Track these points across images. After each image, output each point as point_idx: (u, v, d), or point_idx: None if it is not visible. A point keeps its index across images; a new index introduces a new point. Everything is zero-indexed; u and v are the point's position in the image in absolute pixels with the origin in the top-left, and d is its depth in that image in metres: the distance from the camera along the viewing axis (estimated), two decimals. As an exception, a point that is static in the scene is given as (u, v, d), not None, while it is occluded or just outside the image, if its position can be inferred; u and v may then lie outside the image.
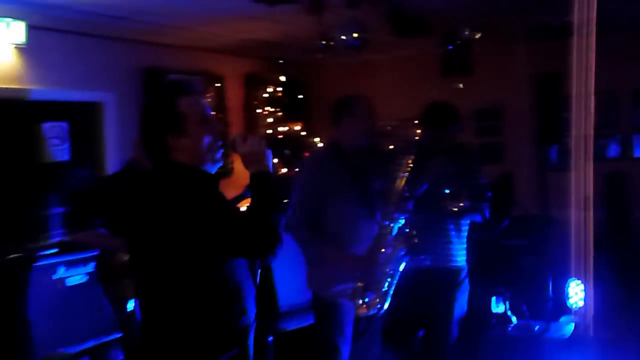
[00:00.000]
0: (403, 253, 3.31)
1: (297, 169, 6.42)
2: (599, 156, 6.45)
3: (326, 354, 3.50)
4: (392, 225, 3.35)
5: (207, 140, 2.29)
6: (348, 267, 3.35)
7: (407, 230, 3.34)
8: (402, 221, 3.36)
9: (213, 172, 2.37)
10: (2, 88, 5.05)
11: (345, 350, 3.49)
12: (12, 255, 4.39)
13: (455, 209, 3.65)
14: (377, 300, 3.32)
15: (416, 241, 3.32)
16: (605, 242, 6.28)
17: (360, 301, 3.31)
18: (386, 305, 3.37)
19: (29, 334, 4.15)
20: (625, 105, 6.59)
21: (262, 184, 2.26)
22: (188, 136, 2.26)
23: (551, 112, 5.91)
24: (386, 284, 3.33)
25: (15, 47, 5.06)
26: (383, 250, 3.34)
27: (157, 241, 2.24)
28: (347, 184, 3.47)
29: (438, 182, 3.59)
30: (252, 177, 2.28)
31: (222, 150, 2.36)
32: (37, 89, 5.30)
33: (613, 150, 6.73)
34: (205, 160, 2.32)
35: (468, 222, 3.88)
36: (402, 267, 3.34)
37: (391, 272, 3.34)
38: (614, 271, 5.87)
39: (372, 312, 3.36)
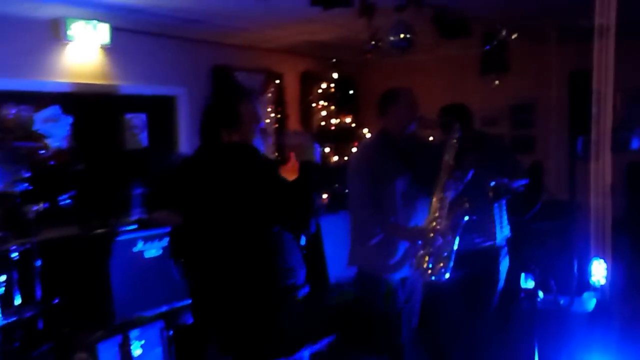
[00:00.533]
0: (459, 214, 3.35)
1: (346, 157, 6.43)
2: (623, 148, 6.29)
3: (374, 324, 3.52)
4: (444, 196, 3.36)
5: (255, 140, 2.52)
6: (411, 238, 3.37)
7: (459, 199, 3.39)
8: (453, 193, 3.39)
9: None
10: (92, 84, 5.17)
11: (390, 314, 3.49)
12: (98, 230, 4.56)
13: (492, 193, 3.64)
14: (441, 265, 3.33)
15: (467, 204, 3.36)
16: (626, 226, 6.17)
17: (425, 267, 3.32)
18: (448, 272, 3.36)
19: (110, 299, 4.23)
20: None
21: (306, 171, 2.43)
22: (241, 133, 2.46)
23: (582, 107, 5.81)
24: (446, 251, 3.34)
25: (101, 47, 5.16)
26: (440, 220, 3.36)
27: (218, 210, 2.38)
28: (398, 167, 3.47)
29: (475, 176, 3.55)
30: (300, 165, 2.46)
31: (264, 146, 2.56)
32: (120, 84, 5.39)
33: (635, 143, 6.53)
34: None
35: (504, 203, 3.90)
36: (461, 227, 3.36)
37: (450, 239, 3.36)
38: (634, 252, 5.79)
39: (437, 277, 3.35)
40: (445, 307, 3.98)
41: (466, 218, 3.38)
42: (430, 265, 3.32)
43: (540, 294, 4.81)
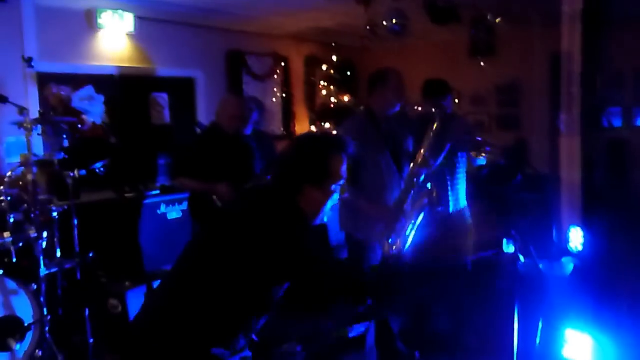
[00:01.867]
0: (425, 203, 3.30)
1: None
2: (604, 125, 6.37)
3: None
4: (415, 181, 3.33)
5: (332, 201, 2.02)
6: (378, 214, 3.35)
7: (428, 186, 3.33)
8: (423, 177, 3.34)
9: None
10: (120, 67, 5.35)
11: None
12: (128, 195, 4.77)
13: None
14: (400, 242, 3.33)
15: (435, 195, 3.30)
16: (606, 198, 6.27)
17: (387, 242, 3.33)
18: (407, 247, 3.34)
19: (140, 254, 4.46)
20: (628, 81, 6.46)
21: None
22: (323, 192, 1.98)
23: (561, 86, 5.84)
24: (408, 230, 3.32)
25: (127, 35, 5.32)
26: (407, 202, 3.33)
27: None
28: (379, 145, 3.41)
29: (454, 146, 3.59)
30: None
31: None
32: (145, 68, 5.53)
33: (616, 121, 6.57)
34: (320, 217, 2.04)
35: (462, 170, 3.88)
36: (421, 217, 3.31)
37: (413, 220, 3.32)
38: (612, 221, 5.95)
39: (395, 252, 3.35)
40: (426, 271, 3.91)
41: (429, 205, 3.30)
42: (391, 241, 3.32)
43: (521, 258, 4.88)
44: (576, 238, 4.58)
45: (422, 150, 3.33)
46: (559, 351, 3.65)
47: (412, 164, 3.35)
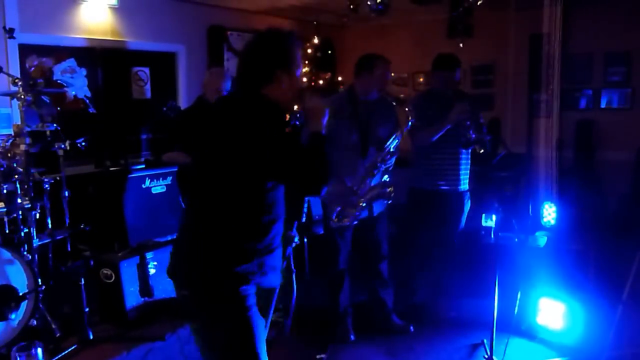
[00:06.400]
0: (377, 195, 3.49)
1: None
2: (573, 106, 6.54)
3: (332, 248, 3.73)
4: (375, 172, 3.49)
5: (298, 87, 2.19)
6: (338, 191, 3.48)
7: (388, 181, 3.50)
8: (383, 168, 3.52)
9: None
10: (102, 40, 5.30)
11: (343, 245, 3.69)
12: (113, 168, 4.81)
13: (464, 140, 3.77)
14: (346, 220, 3.53)
15: (391, 193, 3.49)
16: (575, 175, 6.53)
17: (337, 215, 3.54)
18: (354, 223, 3.57)
19: (124, 227, 4.35)
20: (597, 64, 6.64)
21: (317, 142, 2.13)
22: (290, 77, 2.12)
23: (539, 68, 6.00)
24: (357, 210, 3.52)
25: (109, 7, 5.29)
26: (363, 186, 3.49)
27: (223, 159, 2.07)
28: (350, 126, 3.52)
29: (459, 123, 3.71)
30: (310, 135, 2.15)
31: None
32: (127, 41, 5.50)
33: (585, 102, 6.69)
34: (291, 105, 2.20)
35: (469, 154, 4.02)
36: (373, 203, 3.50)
37: (363, 204, 3.52)
38: (580, 197, 6.10)
39: (335, 225, 3.58)
40: (412, 241, 4.20)
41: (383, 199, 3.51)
42: (339, 216, 3.52)
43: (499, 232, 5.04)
44: (549, 213, 4.77)
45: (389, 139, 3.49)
46: (533, 318, 3.90)
47: (379, 150, 3.49)
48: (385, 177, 3.61)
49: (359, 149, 3.55)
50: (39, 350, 2.19)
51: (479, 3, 5.52)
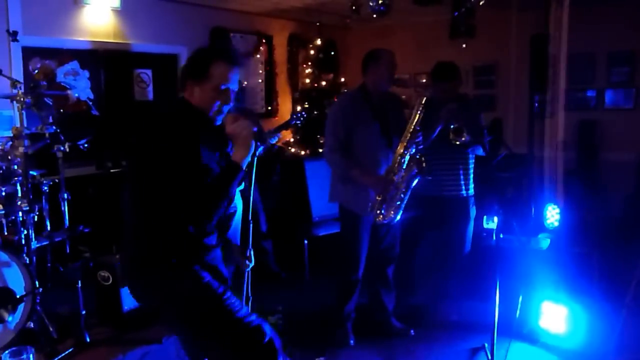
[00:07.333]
0: (414, 173, 3.40)
1: (326, 111, 6.54)
2: (577, 106, 6.50)
3: (348, 255, 3.63)
4: (405, 152, 3.43)
5: (215, 104, 2.16)
6: (370, 184, 3.44)
7: (418, 156, 3.42)
8: (413, 150, 3.43)
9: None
10: (105, 42, 5.29)
11: (363, 252, 3.61)
12: (113, 170, 4.80)
13: (458, 142, 3.68)
14: (392, 212, 3.44)
15: (424, 164, 3.39)
16: (578, 176, 6.46)
17: (378, 212, 3.44)
18: (399, 217, 3.47)
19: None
20: (600, 64, 6.59)
21: (230, 174, 2.09)
22: (202, 89, 2.15)
23: (541, 68, 5.91)
24: (399, 200, 3.43)
25: (112, 10, 5.27)
26: (397, 172, 3.41)
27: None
28: (369, 119, 3.51)
29: (448, 123, 3.64)
30: (228, 164, 2.13)
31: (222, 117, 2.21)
32: (130, 43, 5.48)
33: (588, 102, 6.68)
34: (212, 112, 2.19)
35: (473, 158, 3.94)
36: (414, 183, 3.40)
37: (404, 189, 3.42)
38: (583, 199, 6.04)
39: (386, 221, 3.48)
40: (419, 246, 4.12)
41: (419, 175, 3.39)
42: (383, 211, 3.44)
43: (500, 234, 4.96)
44: (552, 215, 4.72)
45: (411, 123, 3.42)
46: (535, 322, 3.82)
47: (402, 137, 3.45)
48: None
49: (384, 139, 3.53)
50: (31, 355, 2.15)
51: (481, 3, 5.45)
